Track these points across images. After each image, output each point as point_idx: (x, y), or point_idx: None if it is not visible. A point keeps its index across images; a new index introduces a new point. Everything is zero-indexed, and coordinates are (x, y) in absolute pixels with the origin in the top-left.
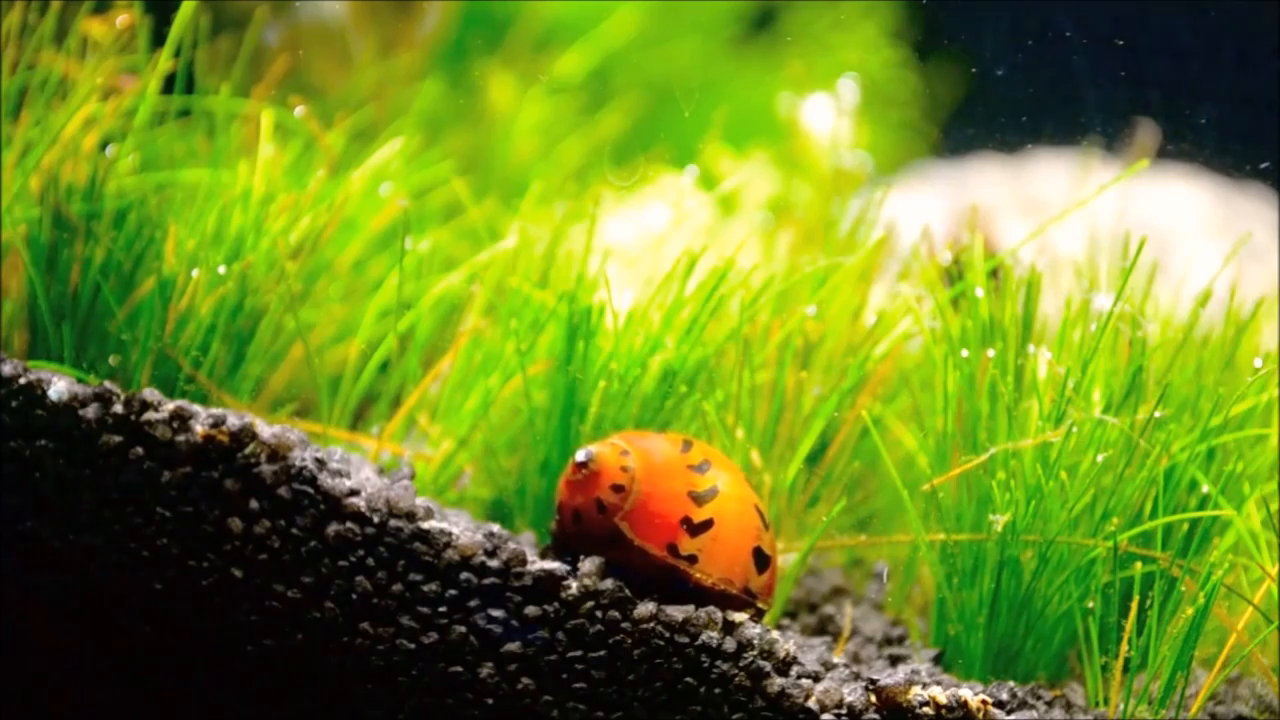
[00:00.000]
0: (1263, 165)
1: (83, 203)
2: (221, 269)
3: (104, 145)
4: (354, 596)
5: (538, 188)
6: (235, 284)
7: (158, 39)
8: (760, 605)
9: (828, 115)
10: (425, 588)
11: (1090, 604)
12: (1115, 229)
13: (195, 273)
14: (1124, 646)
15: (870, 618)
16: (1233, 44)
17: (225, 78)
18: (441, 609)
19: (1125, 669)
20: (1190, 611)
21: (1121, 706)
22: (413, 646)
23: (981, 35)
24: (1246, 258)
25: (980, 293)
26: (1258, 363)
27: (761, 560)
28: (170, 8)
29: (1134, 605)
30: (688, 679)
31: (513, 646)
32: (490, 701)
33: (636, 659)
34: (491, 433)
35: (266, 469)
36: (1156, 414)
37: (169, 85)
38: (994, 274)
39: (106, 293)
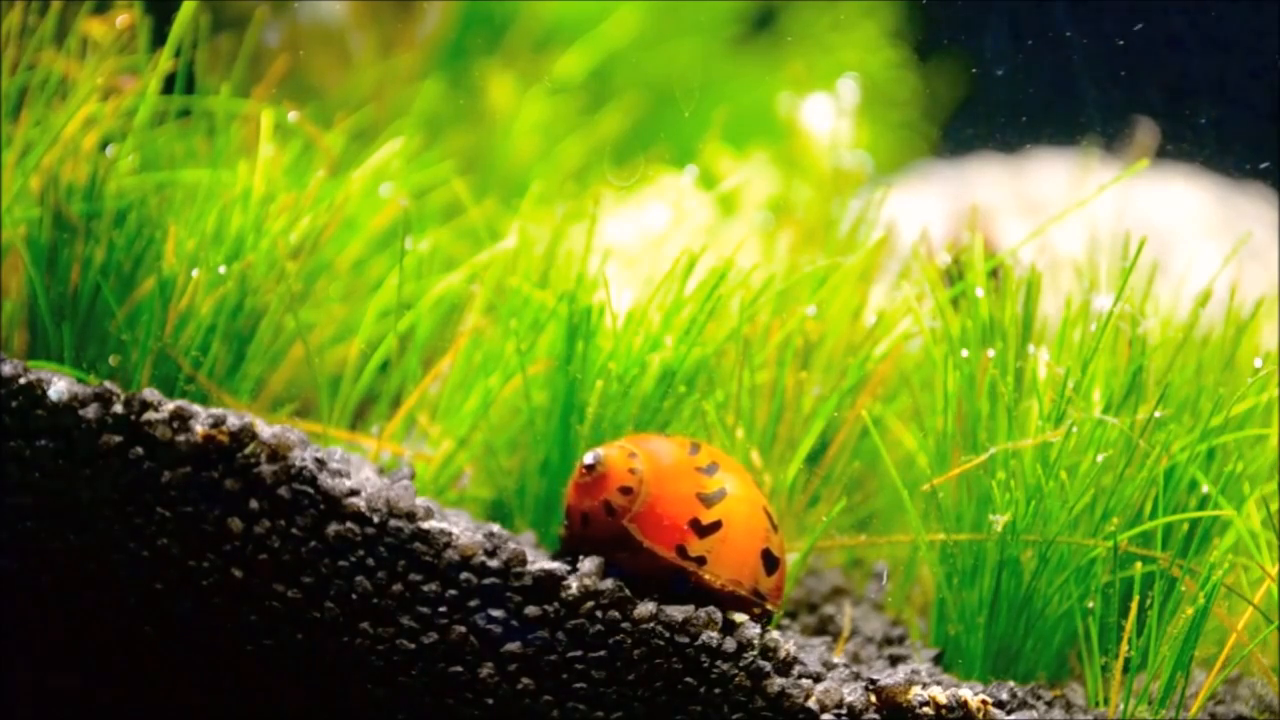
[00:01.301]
0: (1263, 165)
1: (83, 203)
2: (221, 269)
3: (104, 145)
4: (354, 596)
5: (538, 188)
6: (235, 284)
7: (158, 39)
8: (769, 607)
9: (828, 115)
10: (425, 588)
11: (1090, 604)
12: (1115, 229)
13: (195, 273)
14: (1124, 646)
15: (870, 618)
16: (1233, 44)
17: (225, 78)
18: (441, 609)
19: (1125, 669)
20: (1190, 611)
21: (1121, 706)
22: (413, 646)
23: (981, 35)
24: (1246, 258)
25: (980, 293)
26: (1258, 363)
27: (770, 562)
28: (170, 8)
29: (1134, 605)
30: (688, 679)
31: (513, 646)
32: (490, 701)
33: (636, 659)
34: (491, 433)
35: (266, 469)
36: (1156, 414)
37: (169, 85)
38: (994, 274)
39: (106, 293)
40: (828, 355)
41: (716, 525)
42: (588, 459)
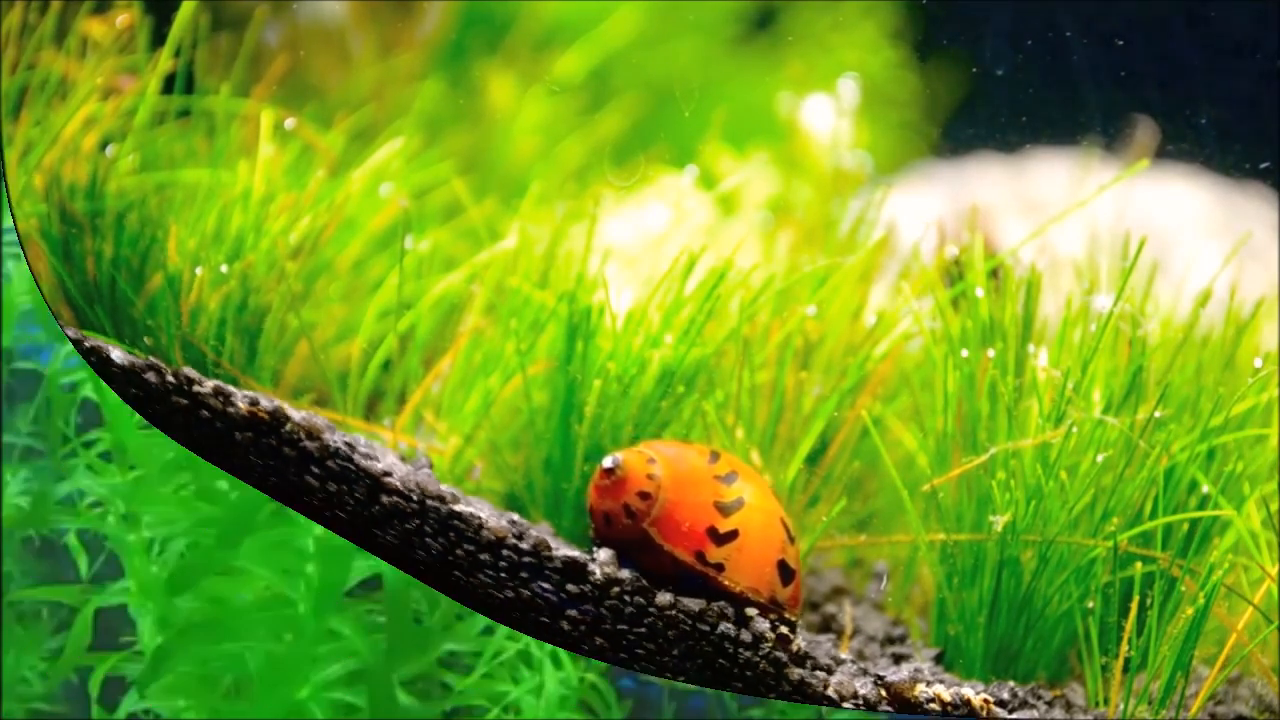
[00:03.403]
0: (1263, 165)
1: (84, 202)
2: (223, 268)
3: (104, 145)
4: (432, 554)
5: (538, 188)
6: (238, 282)
7: (158, 39)
8: (788, 616)
9: (828, 115)
10: (481, 557)
11: (1090, 604)
12: (1115, 229)
13: (199, 271)
14: (1124, 646)
15: (871, 617)
16: (1232, 44)
17: (225, 78)
18: (503, 575)
19: (1125, 669)
20: (1190, 611)
21: (1121, 706)
22: (501, 597)
23: (981, 35)
24: (1246, 258)
25: (980, 293)
26: (1258, 363)
27: (786, 573)
28: (170, 8)
29: (1134, 605)
30: (720, 661)
31: (573, 613)
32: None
33: (672, 639)
34: (494, 431)
35: (309, 444)
36: (1156, 414)
37: (169, 85)
38: (994, 274)
39: (122, 284)
40: (828, 355)
41: (733, 534)
42: (607, 463)
